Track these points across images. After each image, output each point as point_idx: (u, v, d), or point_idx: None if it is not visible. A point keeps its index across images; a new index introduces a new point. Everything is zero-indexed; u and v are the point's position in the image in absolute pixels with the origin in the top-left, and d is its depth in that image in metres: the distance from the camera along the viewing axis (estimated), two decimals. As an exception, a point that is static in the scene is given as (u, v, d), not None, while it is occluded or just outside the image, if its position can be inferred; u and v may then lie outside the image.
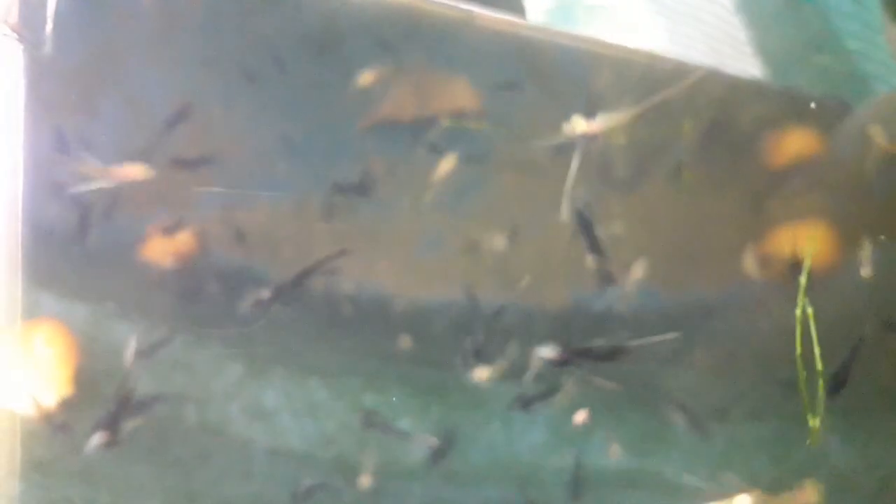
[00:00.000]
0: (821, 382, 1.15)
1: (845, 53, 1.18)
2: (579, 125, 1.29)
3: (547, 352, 1.20)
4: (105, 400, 1.00)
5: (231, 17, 1.27)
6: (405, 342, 1.16)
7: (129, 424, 1.00)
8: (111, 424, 1.00)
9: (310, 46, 1.26)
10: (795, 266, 1.30)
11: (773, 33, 1.45)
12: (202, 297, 1.12)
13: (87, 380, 1.02)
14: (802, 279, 1.25)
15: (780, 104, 1.31)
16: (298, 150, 1.22)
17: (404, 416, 1.10)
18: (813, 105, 1.23)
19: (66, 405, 0.99)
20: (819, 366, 1.16)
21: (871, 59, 1.16)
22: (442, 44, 1.29)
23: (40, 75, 1.13)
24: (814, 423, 1.14)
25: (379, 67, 1.25)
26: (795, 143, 1.37)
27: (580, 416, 1.12)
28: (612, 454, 1.11)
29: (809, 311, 1.23)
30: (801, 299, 1.24)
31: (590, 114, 1.29)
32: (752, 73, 1.46)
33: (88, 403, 1.00)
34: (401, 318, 1.17)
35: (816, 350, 1.18)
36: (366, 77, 1.26)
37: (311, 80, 1.24)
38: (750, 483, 1.13)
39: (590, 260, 1.26)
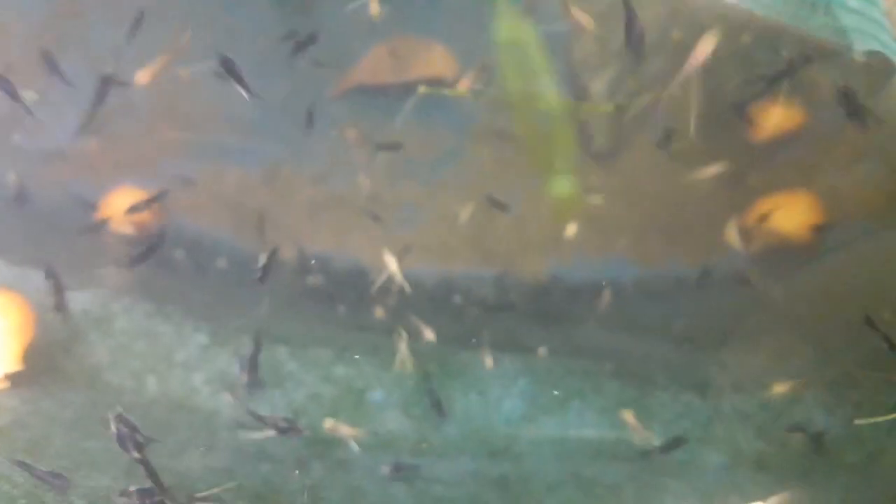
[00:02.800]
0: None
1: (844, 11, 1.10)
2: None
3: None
4: (59, 372, 0.92)
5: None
6: (378, 312, 1.08)
7: (84, 397, 0.91)
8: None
9: (280, 12, 1.17)
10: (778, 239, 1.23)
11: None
12: (164, 265, 1.03)
13: (41, 351, 0.93)
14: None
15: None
16: (268, 118, 1.14)
17: (377, 388, 1.02)
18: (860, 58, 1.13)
19: (15, 378, 0.90)
20: None
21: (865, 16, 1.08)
22: (419, 9, 1.21)
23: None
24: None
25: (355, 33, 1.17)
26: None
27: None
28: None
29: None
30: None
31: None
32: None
33: (41, 375, 0.92)
34: (374, 289, 1.09)
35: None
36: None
37: (283, 47, 1.15)
38: (733, 455, 1.06)
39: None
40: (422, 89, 1.11)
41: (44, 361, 0.94)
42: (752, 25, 1.38)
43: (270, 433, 0.90)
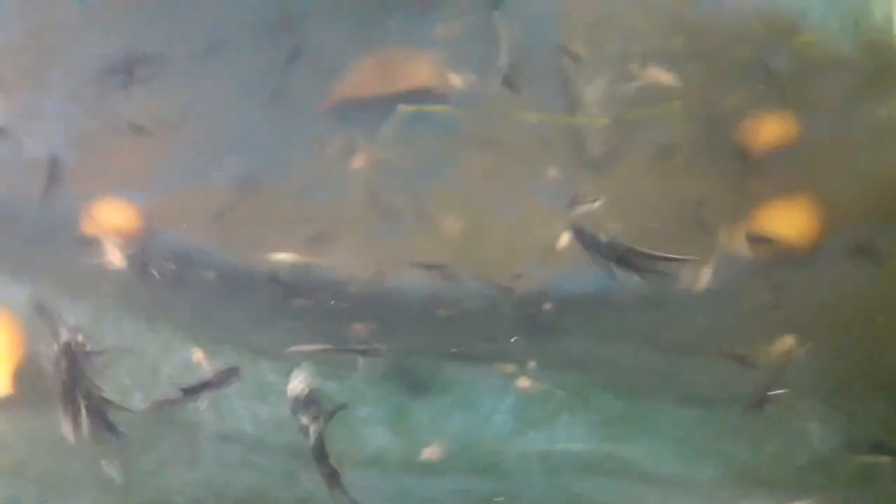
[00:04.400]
0: None
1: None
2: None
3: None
4: (44, 390, 0.90)
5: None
6: (362, 325, 1.05)
7: (72, 416, 0.89)
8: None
9: (265, 24, 1.15)
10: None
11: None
12: (149, 278, 1.01)
13: (29, 370, 0.91)
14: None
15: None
16: (253, 129, 1.12)
17: (362, 404, 0.99)
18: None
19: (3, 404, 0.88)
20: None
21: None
22: (407, 20, 1.18)
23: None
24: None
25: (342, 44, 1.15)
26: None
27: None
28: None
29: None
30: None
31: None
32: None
33: (26, 393, 0.90)
34: (359, 300, 1.06)
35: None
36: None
37: (269, 58, 1.13)
38: (725, 468, 1.02)
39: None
40: (401, 107, 1.08)
41: (29, 379, 0.92)
42: (751, 33, 1.34)
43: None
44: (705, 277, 1.17)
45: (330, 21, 1.16)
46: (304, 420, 0.80)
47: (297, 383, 0.80)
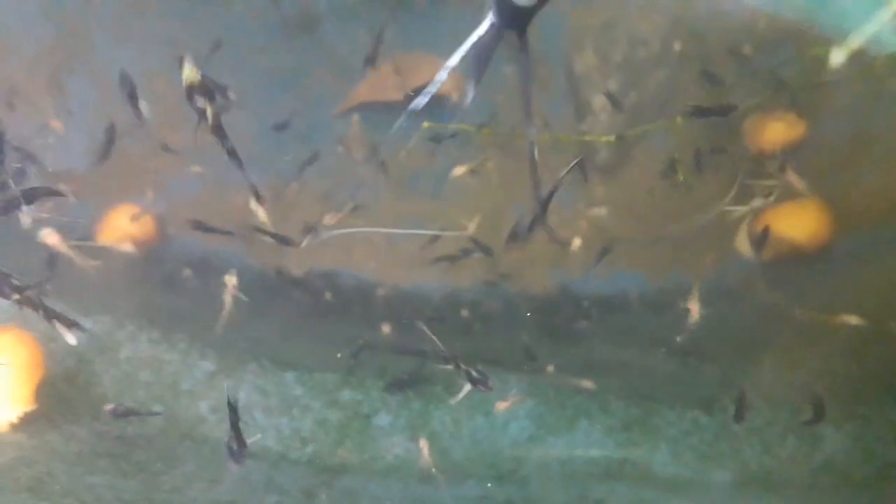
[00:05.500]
0: None
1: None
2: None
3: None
4: (64, 404, 0.87)
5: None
6: (385, 330, 1.03)
7: (88, 430, 0.86)
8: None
9: (287, 29, 1.11)
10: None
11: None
12: (167, 288, 0.98)
13: (47, 383, 0.88)
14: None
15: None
16: (273, 135, 1.08)
17: (383, 412, 0.98)
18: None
19: (26, 418, 0.85)
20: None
21: None
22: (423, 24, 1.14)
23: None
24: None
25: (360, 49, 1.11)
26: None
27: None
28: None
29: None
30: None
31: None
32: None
33: (46, 408, 0.87)
34: (381, 307, 1.04)
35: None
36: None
37: (290, 64, 1.10)
38: (740, 472, 1.02)
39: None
40: (426, 124, 1.05)
41: (49, 393, 0.89)
42: (753, 35, 1.32)
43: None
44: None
45: (348, 25, 1.12)
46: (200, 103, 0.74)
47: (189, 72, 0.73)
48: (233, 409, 0.78)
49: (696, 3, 1.28)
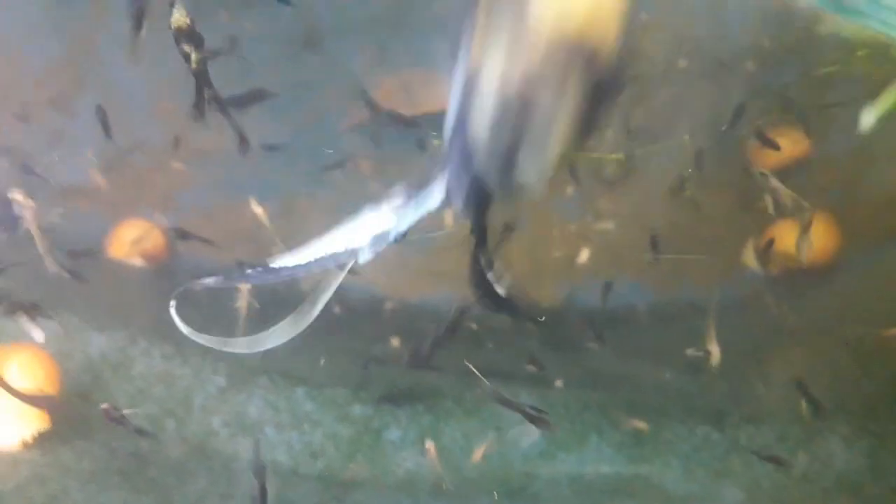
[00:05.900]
0: None
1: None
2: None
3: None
4: (77, 420, 0.87)
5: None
6: (394, 344, 1.03)
7: (101, 446, 0.86)
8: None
9: (294, 44, 1.12)
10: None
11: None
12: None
13: (60, 401, 0.88)
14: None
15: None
16: (282, 150, 1.09)
17: (393, 427, 0.97)
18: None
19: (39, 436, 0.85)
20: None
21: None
22: (430, 40, 1.15)
23: None
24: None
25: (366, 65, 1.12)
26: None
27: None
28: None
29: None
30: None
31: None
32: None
33: (59, 425, 0.87)
34: (390, 321, 1.04)
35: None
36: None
37: (297, 79, 1.10)
38: (750, 489, 1.01)
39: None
40: (437, 142, 1.06)
41: (63, 411, 0.90)
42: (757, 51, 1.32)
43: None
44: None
45: (355, 42, 1.13)
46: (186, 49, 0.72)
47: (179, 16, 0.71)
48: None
49: (700, 21, 1.29)
